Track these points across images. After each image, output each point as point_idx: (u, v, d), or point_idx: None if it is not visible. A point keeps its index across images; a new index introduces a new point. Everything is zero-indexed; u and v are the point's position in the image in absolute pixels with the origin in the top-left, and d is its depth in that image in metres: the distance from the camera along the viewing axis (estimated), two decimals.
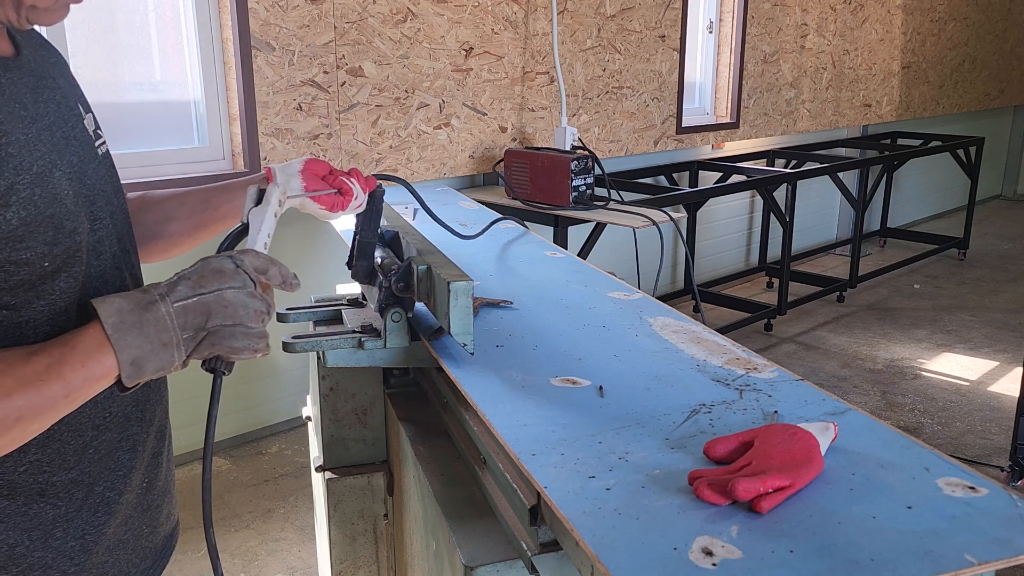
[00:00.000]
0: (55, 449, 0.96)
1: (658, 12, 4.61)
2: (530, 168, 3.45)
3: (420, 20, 3.56)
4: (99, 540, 1.03)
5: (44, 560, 0.97)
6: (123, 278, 1.05)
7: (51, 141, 0.95)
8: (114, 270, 1.03)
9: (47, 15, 0.96)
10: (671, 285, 5.27)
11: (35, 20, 0.96)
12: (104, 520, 1.03)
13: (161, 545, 1.18)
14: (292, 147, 3.26)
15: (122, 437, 1.04)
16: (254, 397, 3.44)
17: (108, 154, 1.09)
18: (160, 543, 1.17)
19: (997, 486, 0.89)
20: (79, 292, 0.96)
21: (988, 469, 3.22)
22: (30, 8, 0.94)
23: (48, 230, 0.89)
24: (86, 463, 1.00)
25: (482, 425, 1.26)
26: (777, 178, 4.62)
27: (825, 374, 4.18)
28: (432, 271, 1.32)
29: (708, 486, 0.88)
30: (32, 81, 0.98)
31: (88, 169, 1.01)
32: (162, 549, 1.18)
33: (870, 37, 6.28)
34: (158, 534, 1.16)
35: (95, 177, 1.02)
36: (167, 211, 1.27)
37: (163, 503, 1.17)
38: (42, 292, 0.91)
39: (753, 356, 1.29)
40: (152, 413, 1.12)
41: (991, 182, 8.72)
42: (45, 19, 0.96)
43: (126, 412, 1.05)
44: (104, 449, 1.02)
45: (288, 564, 2.64)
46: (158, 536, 1.16)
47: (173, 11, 3.05)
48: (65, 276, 0.93)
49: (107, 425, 1.02)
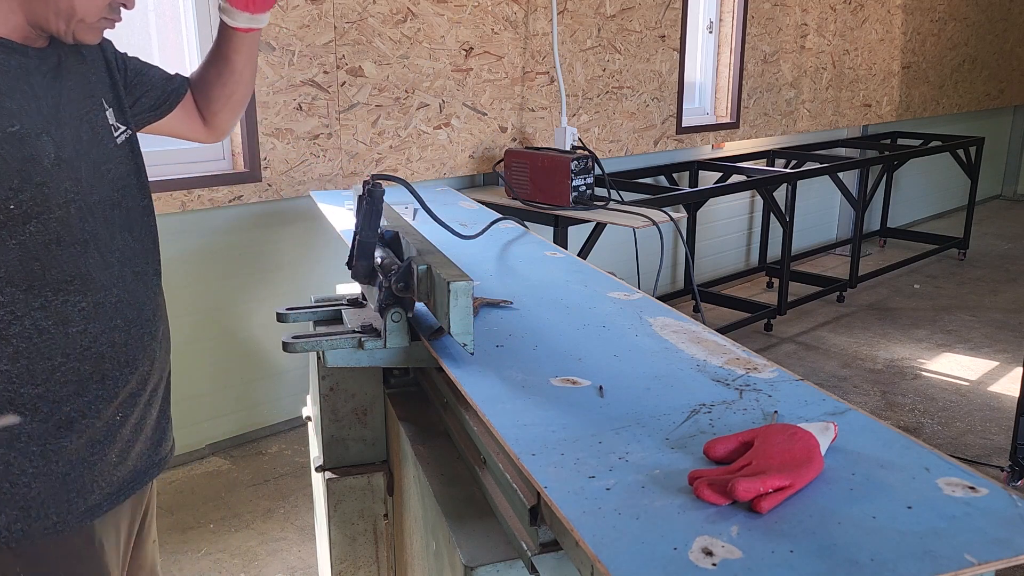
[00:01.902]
0: (24, 366, 1.16)
1: (658, 12, 4.61)
2: (530, 168, 3.45)
3: (420, 20, 3.56)
4: (60, 452, 1.20)
5: (7, 457, 1.16)
6: (114, 237, 1.25)
7: (53, 117, 1.17)
8: (106, 230, 1.23)
9: (90, 32, 1.19)
10: (671, 285, 5.27)
11: (80, 35, 1.19)
12: (66, 436, 1.20)
13: (129, 478, 1.31)
14: (292, 147, 3.26)
15: (94, 370, 1.22)
16: (254, 397, 3.44)
17: (129, 142, 1.32)
18: (127, 475, 1.31)
19: (997, 486, 0.89)
20: (51, 241, 1.15)
21: (988, 469, 3.22)
22: (79, 22, 1.17)
23: (15, 179, 1.11)
24: (53, 384, 1.18)
25: (482, 425, 1.27)
26: (777, 178, 4.62)
27: (825, 374, 4.18)
28: (432, 271, 1.32)
29: (708, 486, 0.88)
30: (49, 69, 1.19)
31: (95, 149, 1.23)
32: (129, 482, 1.32)
33: (870, 37, 6.28)
34: (127, 467, 1.31)
35: (103, 157, 1.25)
36: (203, 89, 1.51)
37: (136, 441, 1.32)
38: (14, 232, 1.11)
39: (753, 356, 1.29)
40: (135, 360, 1.28)
41: (991, 182, 8.72)
42: (88, 34, 1.20)
43: (101, 350, 1.22)
44: (73, 376, 1.20)
45: (288, 564, 2.64)
46: (126, 468, 1.31)
47: (173, 11, 3.05)
48: (35, 223, 1.13)
49: (78, 356, 1.20)
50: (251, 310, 3.35)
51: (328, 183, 3.39)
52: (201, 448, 3.31)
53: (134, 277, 1.29)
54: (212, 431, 3.34)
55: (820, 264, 6.20)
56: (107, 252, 1.24)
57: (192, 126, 1.53)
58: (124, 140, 1.31)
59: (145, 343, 1.30)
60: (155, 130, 1.49)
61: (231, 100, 1.51)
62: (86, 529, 1.25)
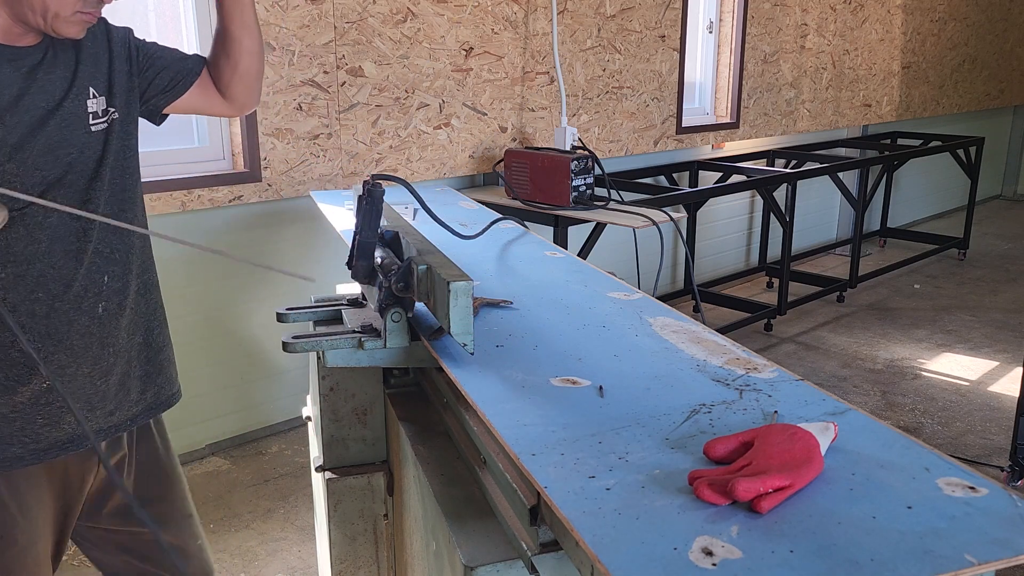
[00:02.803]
0: None
1: (658, 12, 4.61)
2: (530, 168, 3.45)
3: (420, 20, 3.56)
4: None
5: None
6: (48, 216, 1.30)
7: (11, 105, 1.25)
8: (39, 208, 1.28)
9: (68, 26, 1.25)
10: (671, 285, 5.27)
11: (59, 29, 1.25)
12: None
13: (64, 439, 1.39)
14: (292, 147, 3.26)
15: (15, 338, 1.30)
16: (254, 397, 3.44)
17: (107, 131, 1.38)
18: (62, 438, 1.39)
19: (997, 486, 0.89)
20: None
21: (988, 469, 3.22)
22: (54, 17, 1.23)
23: None
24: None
25: (482, 425, 1.27)
26: (777, 178, 4.62)
27: (825, 374, 4.18)
28: (432, 271, 1.32)
29: (708, 486, 0.88)
30: (27, 64, 1.28)
31: (56, 133, 1.30)
32: (63, 443, 1.39)
33: (870, 37, 6.28)
34: (61, 430, 1.38)
35: (62, 141, 1.31)
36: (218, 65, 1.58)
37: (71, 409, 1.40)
38: None
39: (753, 356, 1.29)
40: (61, 333, 1.35)
41: (991, 182, 8.72)
42: (67, 28, 1.26)
43: (20, 320, 1.30)
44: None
45: (288, 564, 2.64)
46: (60, 432, 1.38)
47: (173, 11, 3.05)
48: None
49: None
50: (251, 310, 3.35)
51: (328, 183, 3.39)
52: (201, 448, 3.31)
53: (64, 255, 1.34)
54: (212, 431, 3.34)
55: (820, 264, 6.20)
56: (36, 229, 1.30)
57: (212, 101, 1.61)
58: (103, 128, 1.38)
59: (72, 318, 1.36)
60: (179, 108, 1.58)
61: (237, 70, 1.57)
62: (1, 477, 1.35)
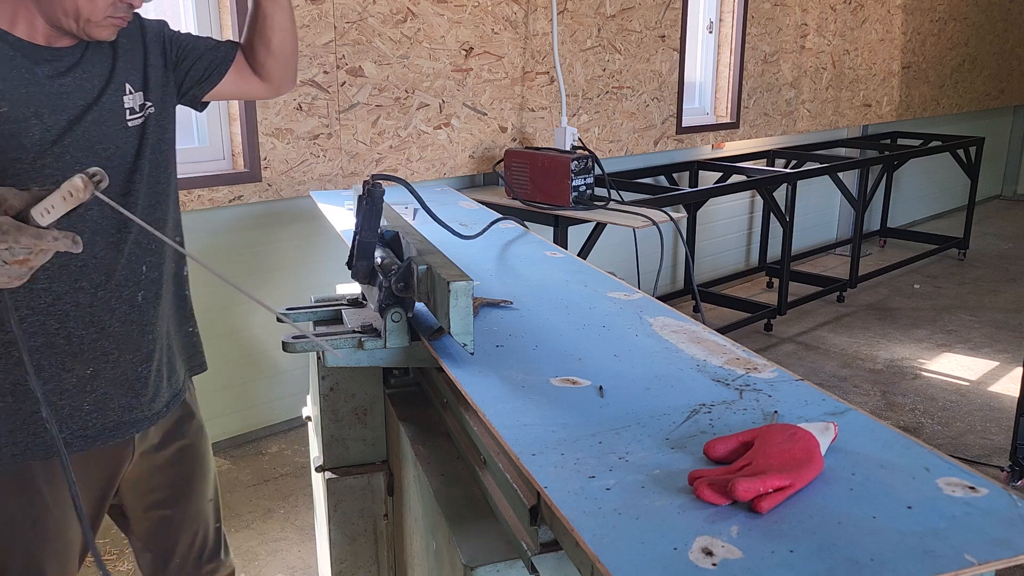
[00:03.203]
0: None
1: (658, 12, 4.61)
2: (530, 168, 3.45)
3: (420, 20, 3.56)
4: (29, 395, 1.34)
5: None
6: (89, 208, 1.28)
7: (50, 103, 1.30)
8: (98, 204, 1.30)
9: (100, 29, 1.31)
10: (671, 285, 5.27)
11: (91, 32, 1.31)
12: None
13: (111, 427, 1.44)
14: (292, 147, 3.26)
15: (60, 327, 1.34)
16: (254, 397, 3.44)
17: (142, 127, 1.42)
18: (108, 424, 1.44)
19: (997, 486, 0.89)
20: None
21: (988, 469, 3.22)
22: (86, 22, 1.28)
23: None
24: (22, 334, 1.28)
25: (482, 425, 1.26)
26: (777, 178, 4.62)
27: (825, 374, 4.18)
28: (432, 271, 1.32)
29: (708, 486, 0.88)
30: (65, 64, 1.33)
31: (95, 130, 1.35)
32: (110, 430, 1.44)
33: (870, 37, 6.28)
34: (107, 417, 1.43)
35: (100, 137, 1.35)
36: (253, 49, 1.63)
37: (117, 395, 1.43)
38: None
39: (753, 356, 1.29)
40: (103, 322, 1.38)
41: (991, 182, 8.72)
42: (98, 32, 1.32)
43: (65, 309, 1.34)
44: (40, 329, 1.33)
45: (288, 564, 2.64)
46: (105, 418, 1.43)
47: (173, 11, 3.05)
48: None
49: (44, 311, 1.33)
50: (251, 310, 3.35)
51: (328, 183, 3.39)
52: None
53: (105, 246, 1.38)
54: (212, 431, 3.29)
55: (820, 264, 6.20)
56: (78, 221, 1.33)
57: (250, 84, 1.64)
58: (139, 123, 1.42)
59: (113, 306, 1.40)
60: (219, 95, 1.63)
61: (271, 48, 1.61)
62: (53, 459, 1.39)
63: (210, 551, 1.71)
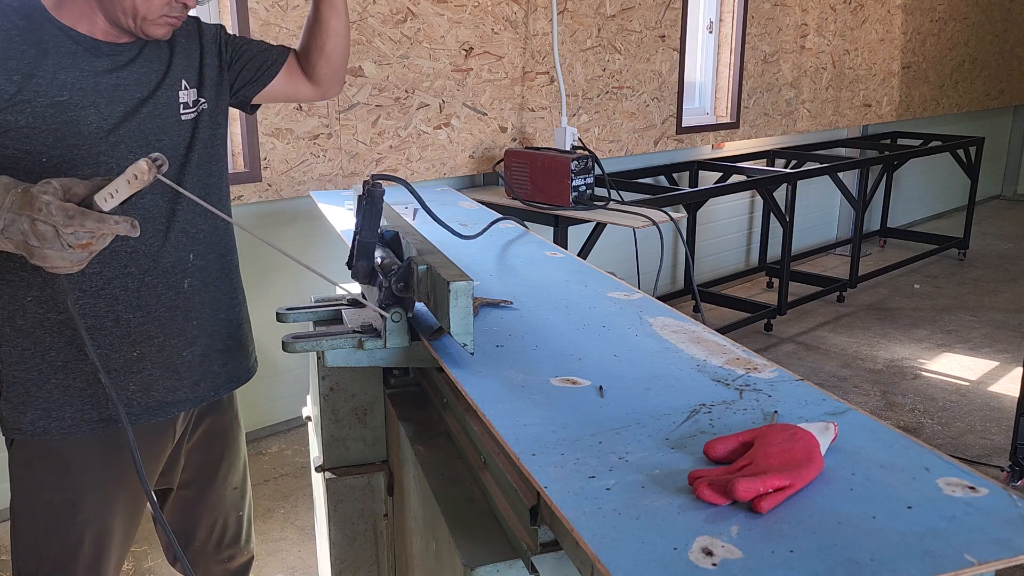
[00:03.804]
0: (48, 295, 1.39)
1: (658, 12, 4.61)
2: (530, 168, 3.45)
3: (420, 20, 3.56)
4: (79, 370, 1.42)
5: (39, 367, 1.42)
6: (142, 196, 1.37)
7: (108, 94, 1.38)
8: (150, 193, 1.42)
9: (155, 27, 1.38)
10: (671, 285, 5.27)
11: (147, 31, 1.38)
12: (85, 359, 1.41)
13: (154, 405, 1.50)
14: (292, 147, 3.26)
15: (109, 310, 1.42)
16: (254, 397, 3.44)
17: (195, 122, 1.50)
18: (152, 404, 1.50)
19: (997, 486, 0.89)
20: None
21: (988, 469, 3.22)
22: (143, 20, 1.36)
23: (50, 137, 1.32)
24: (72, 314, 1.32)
25: (482, 425, 1.26)
26: (777, 178, 4.62)
27: (825, 374, 4.18)
28: (432, 271, 1.32)
29: (708, 486, 0.88)
30: (124, 58, 1.41)
31: (149, 122, 1.42)
32: (153, 409, 1.50)
33: (870, 37, 6.28)
34: (151, 396, 1.49)
35: (155, 129, 1.43)
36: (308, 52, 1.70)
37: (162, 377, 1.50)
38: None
39: (753, 356, 1.29)
40: (149, 306, 1.45)
41: (991, 182, 8.72)
42: (153, 30, 1.39)
43: (114, 292, 1.41)
44: (90, 311, 1.40)
45: (288, 564, 2.64)
46: (150, 398, 1.49)
47: None
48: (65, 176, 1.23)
49: (94, 294, 1.40)
50: (251, 310, 3.34)
51: (328, 183, 3.39)
52: None
53: (153, 233, 1.45)
54: None
55: (820, 264, 6.20)
56: (129, 208, 1.36)
57: (298, 87, 1.72)
58: (192, 117, 1.50)
59: (160, 292, 1.47)
60: (268, 97, 1.70)
61: (324, 51, 1.67)
62: (97, 436, 1.46)
63: (230, 538, 1.75)
